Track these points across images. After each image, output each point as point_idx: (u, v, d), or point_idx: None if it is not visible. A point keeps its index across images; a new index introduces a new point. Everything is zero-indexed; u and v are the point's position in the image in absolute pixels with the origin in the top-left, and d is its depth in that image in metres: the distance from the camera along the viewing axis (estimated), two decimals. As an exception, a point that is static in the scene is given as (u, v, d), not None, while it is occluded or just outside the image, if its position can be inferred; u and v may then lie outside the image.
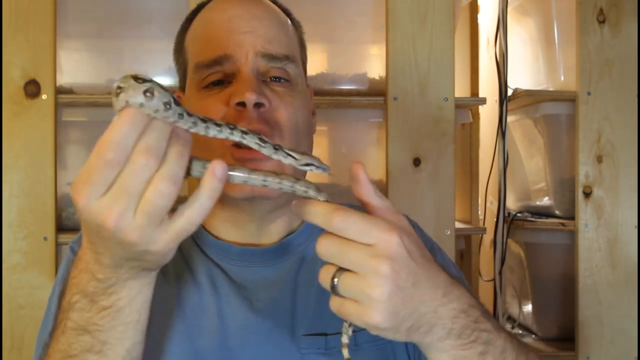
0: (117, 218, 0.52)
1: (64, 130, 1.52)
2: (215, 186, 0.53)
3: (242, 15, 0.83)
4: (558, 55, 1.75)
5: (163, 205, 0.52)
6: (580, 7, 1.62)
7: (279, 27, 0.86)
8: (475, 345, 0.63)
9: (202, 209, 0.54)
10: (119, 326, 0.62)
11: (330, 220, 0.57)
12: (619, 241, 1.63)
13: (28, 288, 1.44)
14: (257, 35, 0.82)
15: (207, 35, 0.84)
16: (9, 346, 1.43)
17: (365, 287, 0.56)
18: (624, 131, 1.63)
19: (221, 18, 0.84)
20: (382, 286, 0.55)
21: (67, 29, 1.52)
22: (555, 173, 1.75)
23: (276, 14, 0.88)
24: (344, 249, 0.57)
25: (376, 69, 1.62)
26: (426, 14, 1.55)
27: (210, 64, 0.82)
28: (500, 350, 0.65)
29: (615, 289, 1.62)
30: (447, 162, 1.55)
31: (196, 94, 0.84)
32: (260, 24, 0.83)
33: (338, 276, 0.57)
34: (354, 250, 0.56)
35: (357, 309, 0.57)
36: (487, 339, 0.64)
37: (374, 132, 1.64)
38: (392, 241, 0.56)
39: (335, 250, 0.57)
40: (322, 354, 0.79)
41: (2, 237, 1.44)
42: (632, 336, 1.62)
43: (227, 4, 0.86)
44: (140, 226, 0.52)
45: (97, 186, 0.52)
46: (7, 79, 1.45)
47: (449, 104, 1.55)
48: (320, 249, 0.58)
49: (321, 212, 0.58)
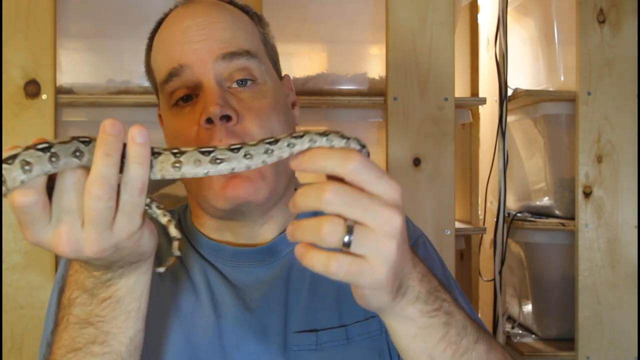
0: (67, 239, 0.52)
1: (64, 130, 1.52)
2: (137, 151, 0.51)
3: (196, 25, 0.81)
4: (558, 55, 1.75)
5: (103, 207, 0.51)
6: (580, 7, 1.62)
7: (235, 25, 0.83)
8: (440, 314, 0.62)
9: (136, 178, 0.52)
10: (121, 315, 0.63)
11: (348, 161, 0.52)
12: (619, 241, 1.63)
13: (28, 288, 1.44)
14: (212, 40, 0.80)
15: (163, 51, 0.83)
16: (9, 346, 1.43)
17: (380, 239, 0.52)
18: (624, 131, 1.63)
19: (175, 31, 0.82)
20: (394, 237, 0.52)
21: (67, 29, 1.52)
22: (555, 173, 1.75)
23: (231, 13, 0.85)
24: (359, 196, 0.52)
25: (376, 69, 1.62)
26: (426, 14, 1.55)
27: (167, 77, 0.80)
28: (462, 325, 0.64)
29: (615, 289, 1.63)
30: (447, 162, 1.55)
31: (168, 113, 0.83)
32: (215, 28, 0.81)
33: (350, 230, 0.51)
34: (367, 197, 0.52)
35: (367, 265, 0.52)
36: (449, 310, 0.63)
37: (374, 132, 1.64)
38: (399, 190, 0.53)
39: (350, 197, 0.51)
40: (313, 350, 0.79)
41: (2, 237, 1.44)
42: (632, 336, 1.62)
43: (180, 16, 0.84)
44: (93, 237, 0.52)
45: (36, 222, 0.51)
46: (7, 79, 1.45)
47: (449, 104, 1.55)
48: (328, 195, 0.51)
49: (337, 154, 0.52)
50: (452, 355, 0.62)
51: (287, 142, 0.56)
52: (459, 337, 0.63)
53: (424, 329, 0.61)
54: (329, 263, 0.52)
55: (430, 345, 0.61)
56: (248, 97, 0.80)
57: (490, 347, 0.66)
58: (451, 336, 0.62)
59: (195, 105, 0.79)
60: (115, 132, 0.51)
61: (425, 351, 0.62)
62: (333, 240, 0.51)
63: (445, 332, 0.62)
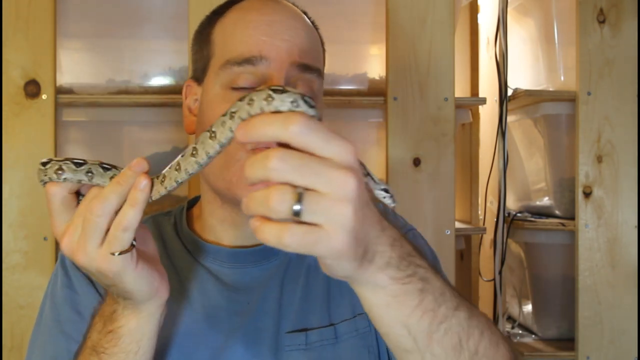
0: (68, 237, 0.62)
1: (64, 130, 1.52)
2: (135, 196, 0.59)
3: (282, 22, 0.83)
4: (558, 55, 1.75)
5: (95, 221, 0.59)
6: (580, 7, 1.62)
7: (313, 41, 0.86)
8: (414, 280, 0.58)
9: (125, 216, 0.59)
10: (120, 353, 0.66)
11: (289, 124, 0.48)
12: (619, 241, 1.63)
13: (28, 288, 1.44)
14: (294, 44, 0.81)
15: (245, 33, 0.82)
16: (9, 346, 1.43)
17: (334, 204, 0.48)
18: (624, 131, 1.63)
19: (261, 20, 0.83)
20: (350, 201, 0.48)
21: (67, 29, 1.52)
22: (555, 173, 1.75)
23: (311, 28, 0.88)
24: (307, 160, 0.48)
25: (376, 69, 1.62)
26: (426, 14, 1.55)
27: (242, 61, 0.80)
28: (440, 291, 0.60)
29: (615, 289, 1.63)
30: (447, 162, 1.55)
31: (222, 92, 0.82)
32: (298, 35, 0.83)
33: (300, 198, 0.48)
34: (317, 161, 0.48)
35: (323, 233, 0.49)
36: (425, 276, 0.60)
37: (374, 132, 1.64)
38: (352, 151, 0.49)
39: (297, 162, 0.48)
40: (303, 350, 0.80)
41: (2, 237, 1.44)
42: (632, 336, 1.62)
43: (266, 8, 0.84)
44: (82, 245, 0.61)
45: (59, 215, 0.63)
46: (7, 79, 1.45)
47: (449, 104, 1.55)
48: (274, 162, 0.47)
49: (278, 119, 0.48)
50: (429, 324, 0.59)
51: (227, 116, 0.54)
52: (436, 304, 0.59)
53: (397, 297, 0.58)
54: (281, 235, 0.48)
55: (405, 314, 0.58)
56: None
57: (472, 314, 0.63)
58: (427, 303, 0.59)
59: None
60: (137, 170, 0.60)
61: (399, 320, 0.59)
62: (282, 211, 0.48)
63: (420, 300, 0.59)
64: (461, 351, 0.61)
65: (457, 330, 0.61)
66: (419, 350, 0.60)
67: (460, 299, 0.63)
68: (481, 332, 0.63)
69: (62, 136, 1.50)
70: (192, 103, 0.89)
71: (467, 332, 0.62)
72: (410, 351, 0.60)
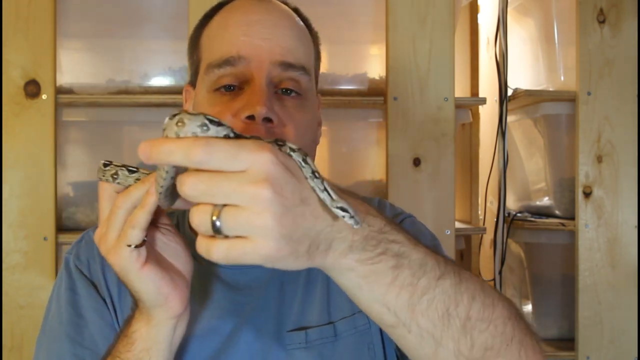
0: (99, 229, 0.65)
1: (64, 130, 1.52)
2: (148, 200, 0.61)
3: (263, 21, 0.82)
4: (558, 55, 1.75)
5: (117, 213, 0.63)
6: (580, 7, 1.62)
7: (298, 37, 0.85)
8: (386, 258, 0.58)
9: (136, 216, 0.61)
10: (132, 359, 0.68)
11: (191, 152, 0.49)
12: (619, 241, 1.63)
13: (28, 288, 1.44)
14: (275, 43, 0.80)
15: (225, 35, 0.83)
16: (9, 346, 1.43)
17: (251, 218, 0.49)
18: (624, 131, 1.63)
19: (241, 20, 0.82)
20: (268, 211, 0.49)
21: (67, 29, 1.52)
22: (555, 173, 1.75)
23: (297, 24, 0.86)
24: (216, 182, 0.49)
25: (376, 69, 1.62)
26: (426, 14, 1.55)
27: (221, 63, 0.80)
28: (419, 264, 0.59)
29: (615, 289, 1.63)
30: (447, 162, 1.55)
31: (206, 95, 0.83)
32: (280, 33, 0.82)
33: (219, 214, 0.49)
34: (226, 180, 0.49)
35: (248, 244, 0.50)
36: (399, 251, 0.59)
37: (374, 132, 1.64)
38: (265, 160, 0.50)
39: (205, 186, 0.49)
40: (304, 348, 0.80)
41: (2, 237, 1.44)
42: (632, 336, 1.62)
43: (250, 7, 0.84)
44: (103, 233, 0.64)
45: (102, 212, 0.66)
46: (7, 79, 1.45)
47: (449, 104, 1.55)
48: (186, 189, 0.50)
49: (178, 146, 0.49)
50: (409, 298, 0.59)
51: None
52: (414, 278, 0.59)
53: (367, 277, 0.57)
54: (209, 250, 0.51)
55: (380, 293, 0.58)
56: (291, 107, 0.81)
57: (460, 280, 0.62)
58: (404, 279, 0.58)
59: (237, 97, 0.80)
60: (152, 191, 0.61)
61: (375, 299, 0.59)
62: (204, 230, 0.50)
63: (394, 276, 0.58)
64: (450, 319, 0.60)
65: (443, 299, 0.60)
66: (403, 324, 0.60)
67: (446, 267, 0.62)
68: (472, 297, 0.62)
69: (62, 136, 1.51)
70: (190, 108, 0.90)
71: (455, 300, 0.61)
72: (394, 326, 0.60)
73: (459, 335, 0.61)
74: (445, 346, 0.61)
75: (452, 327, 0.60)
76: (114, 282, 0.84)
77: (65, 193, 1.54)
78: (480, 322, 0.62)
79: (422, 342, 0.61)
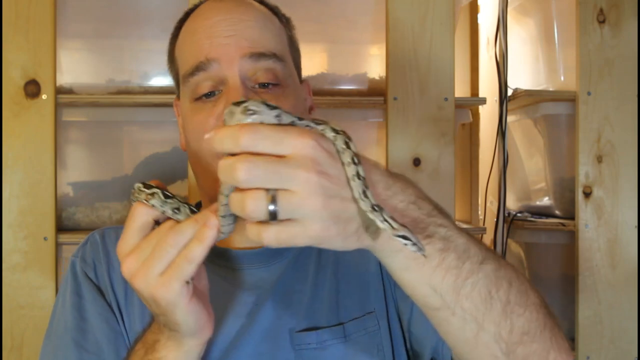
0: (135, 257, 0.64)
1: (64, 130, 1.52)
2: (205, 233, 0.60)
3: (226, 20, 0.81)
4: (558, 55, 1.75)
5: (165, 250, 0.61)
6: (580, 7, 1.62)
7: (264, 26, 0.84)
8: (433, 241, 0.59)
9: (191, 249, 0.60)
10: None
11: (239, 138, 0.51)
12: (619, 241, 1.63)
13: (28, 288, 1.44)
14: (241, 37, 0.80)
15: (192, 42, 0.83)
16: (9, 346, 1.43)
17: (301, 201, 0.51)
18: (624, 131, 1.63)
19: (204, 25, 0.82)
20: (316, 194, 0.51)
21: (67, 29, 1.52)
22: (555, 173, 1.75)
23: (262, 13, 0.86)
24: (271, 166, 0.51)
25: (376, 69, 1.62)
26: (426, 14, 1.55)
27: (193, 71, 0.81)
28: (463, 248, 0.61)
29: (615, 289, 1.62)
30: (447, 162, 1.55)
31: (189, 105, 0.83)
32: (245, 26, 0.81)
33: (272, 199, 0.51)
34: (279, 164, 0.51)
35: (298, 226, 0.52)
36: (446, 235, 0.60)
37: (374, 132, 1.64)
38: (309, 145, 0.52)
39: (261, 171, 0.50)
40: (314, 349, 0.80)
41: (2, 237, 1.44)
42: (632, 336, 1.62)
43: (211, 11, 0.84)
44: (144, 267, 0.61)
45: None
46: (7, 79, 1.45)
47: (449, 104, 1.55)
48: (242, 173, 0.50)
49: (228, 133, 0.51)
50: (454, 281, 0.60)
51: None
52: (459, 261, 0.60)
53: (416, 260, 0.59)
54: (260, 235, 0.52)
55: (427, 275, 0.59)
56: (270, 98, 0.80)
57: (499, 266, 0.64)
58: (450, 262, 0.60)
59: (217, 101, 0.80)
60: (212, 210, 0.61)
61: (422, 281, 0.60)
62: (258, 216, 0.51)
63: (441, 259, 0.59)
64: (492, 302, 0.62)
65: (486, 283, 0.61)
66: (448, 307, 0.61)
67: (487, 253, 0.63)
68: (510, 283, 0.64)
69: (62, 136, 1.50)
70: (180, 121, 0.91)
71: (496, 284, 0.62)
72: (439, 308, 0.61)
73: (500, 319, 0.62)
74: (487, 329, 0.62)
75: (494, 311, 0.62)
76: (121, 286, 0.84)
77: (65, 193, 1.54)
78: (518, 306, 0.64)
79: (464, 326, 0.62)
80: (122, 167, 1.56)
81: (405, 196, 0.59)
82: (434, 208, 0.61)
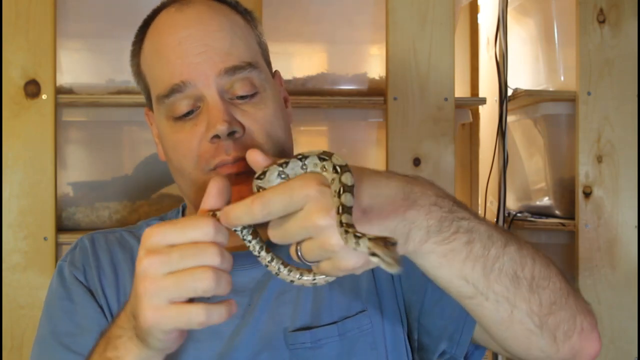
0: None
1: (64, 130, 1.52)
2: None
3: (192, 35, 0.80)
4: (558, 55, 1.75)
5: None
6: (580, 7, 1.62)
7: (233, 33, 0.82)
8: (459, 235, 0.62)
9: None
10: None
11: (254, 213, 0.57)
12: (619, 241, 1.63)
13: (28, 288, 1.44)
14: (212, 52, 0.79)
15: (160, 62, 0.81)
16: (9, 346, 1.43)
17: (322, 245, 0.56)
18: (624, 131, 1.63)
19: (171, 42, 0.80)
20: (333, 235, 0.55)
21: (67, 29, 1.52)
22: (555, 173, 1.75)
23: (226, 18, 0.83)
24: (285, 228, 0.58)
25: (376, 69, 1.62)
26: (426, 14, 1.55)
27: (169, 93, 0.79)
28: (487, 235, 0.64)
29: (615, 289, 1.62)
30: (447, 162, 1.55)
31: (167, 123, 0.82)
32: (213, 38, 0.80)
33: (298, 248, 0.59)
34: (290, 223, 0.57)
35: (330, 264, 0.58)
36: (469, 227, 0.63)
37: (374, 132, 1.64)
38: (310, 192, 0.56)
39: (280, 233, 0.58)
40: (309, 348, 0.80)
41: (2, 237, 1.43)
42: (632, 336, 1.62)
43: (175, 25, 0.82)
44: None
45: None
46: (7, 79, 1.45)
47: (449, 104, 1.55)
48: (271, 238, 0.59)
49: (243, 210, 0.58)
50: (483, 269, 0.63)
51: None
52: (485, 249, 0.63)
53: (445, 256, 0.62)
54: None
55: (457, 268, 0.63)
56: (251, 108, 0.80)
57: (520, 246, 0.67)
58: (477, 251, 0.63)
59: (198, 118, 0.79)
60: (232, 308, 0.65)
61: (454, 275, 0.63)
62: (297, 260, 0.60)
63: (469, 251, 0.63)
64: (519, 281, 0.65)
65: (511, 265, 0.65)
66: (480, 293, 0.64)
67: (507, 235, 0.67)
68: (533, 259, 0.67)
69: (62, 136, 1.50)
70: (155, 132, 0.90)
71: (520, 263, 0.66)
72: (472, 297, 0.65)
73: (529, 295, 0.66)
74: (519, 307, 0.66)
75: (522, 288, 0.65)
76: (112, 288, 0.84)
77: (65, 193, 1.54)
78: (542, 279, 0.67)
79: (498, 307, 0.65)
80: (122, 167, 1.56)
81: (426, 199, 0.62)
82: (453, 203, 0.64)
